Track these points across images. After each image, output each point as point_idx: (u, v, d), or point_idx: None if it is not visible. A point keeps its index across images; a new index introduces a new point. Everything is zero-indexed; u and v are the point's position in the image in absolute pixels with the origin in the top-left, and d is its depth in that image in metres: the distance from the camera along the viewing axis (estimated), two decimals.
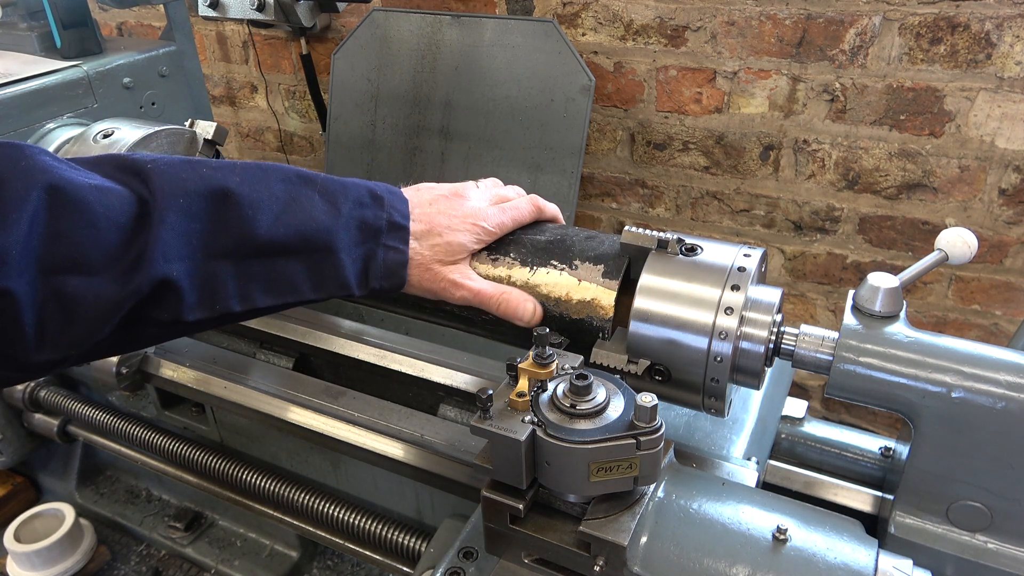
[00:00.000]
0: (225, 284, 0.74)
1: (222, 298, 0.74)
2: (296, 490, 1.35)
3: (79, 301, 0.67)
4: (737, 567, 0.70)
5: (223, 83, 3.02)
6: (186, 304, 0.72)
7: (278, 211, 0.76)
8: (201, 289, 0.72)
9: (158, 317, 0.72)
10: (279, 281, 0.77)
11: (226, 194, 0.74)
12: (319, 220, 0.78)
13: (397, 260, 0.83)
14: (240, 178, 0.75)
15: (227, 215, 0.73)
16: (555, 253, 0.91)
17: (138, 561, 1.75)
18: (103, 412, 1.61)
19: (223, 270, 0.73)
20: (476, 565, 0.82)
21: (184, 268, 0.71)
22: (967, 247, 0.84)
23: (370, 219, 0.81)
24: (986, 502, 0.78)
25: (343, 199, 0.80)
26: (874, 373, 0.78)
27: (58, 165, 0.68)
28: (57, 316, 0.66)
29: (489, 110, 2.19)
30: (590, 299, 0.87)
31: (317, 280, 0.78)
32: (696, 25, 2.05)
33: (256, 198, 0.75)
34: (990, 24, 1.76)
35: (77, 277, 0.66)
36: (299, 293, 0.78)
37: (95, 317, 0.68)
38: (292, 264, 0.77)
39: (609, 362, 0.84)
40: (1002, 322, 2.09)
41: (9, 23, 1.75)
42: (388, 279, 0.83)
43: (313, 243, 0.77)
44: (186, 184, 0.72)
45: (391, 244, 0.82)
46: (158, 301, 0.70)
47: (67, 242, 0.66)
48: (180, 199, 0.71)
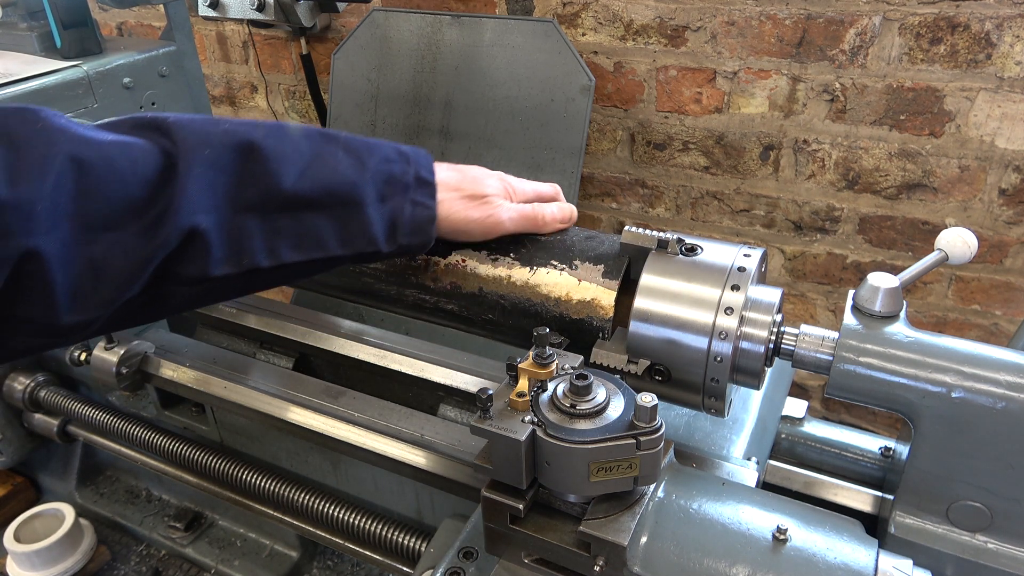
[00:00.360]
0: (252, 238, 0.73)
1: (249, 252, 0.73)
2: (296, 490, 1.35)
3: (108, 257, 0.66)
4: (737, 567, 0.70)
5: (223, 83, 3.02)
6: (213, 257, 0.71)
7: (303, 165, 0.75)
8: (228, 242, 0.71)
9: (186, 272, 0.70)
10: (306, 236, 0.76)
11: (251, 147, 0.73)
12: (345, 174, 0.77)
13: (425, 215, 0.83)
14: (264, 132, 0.75)
15: (253, 168, 0.73)
16: (555, 253, 0.91)
17: (138, 561, 1.75)
18: (103, 412, 1.61)
19: (250, 223, 0.73)
20: (476, 565, 0.82)
21: (211, 220, 0.70)
22: (967, 247, 0.84)
23: (397, 174, 0.81)
24: (986, 502, 0.78)
25: (368, 155, 0.80)
26: (874, 373, 0.78)
27: (76, 126, 0.67)
28: (87, 275, 0.65)
29: (489, 110, 2.19)
30: (590, 299, 0.87)
31: (344, 235, 0.77)
32: (696, 25, 2.05)
33: (281, 151, 0.74)
34: (990, 24, 1.76)
35: (106, 233, 0.66)
36: (326, 248, 0.77)
37: (125, 273, 0.67)
38: (319, 218, 0.76)
39: (609, 362, 0.84)
40: (1002, 322, 2.09)
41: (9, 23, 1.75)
42: (416, 235, 0.82)
43: (339, 197, 0.77)
44: (210, 137, 0.72)
45: (419, 200, 0.82)
46: (186, 254, 0.69)
47: (95, 198, 0.65)
48: (206, 150, 0.71)
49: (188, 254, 0.70)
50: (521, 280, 0.90)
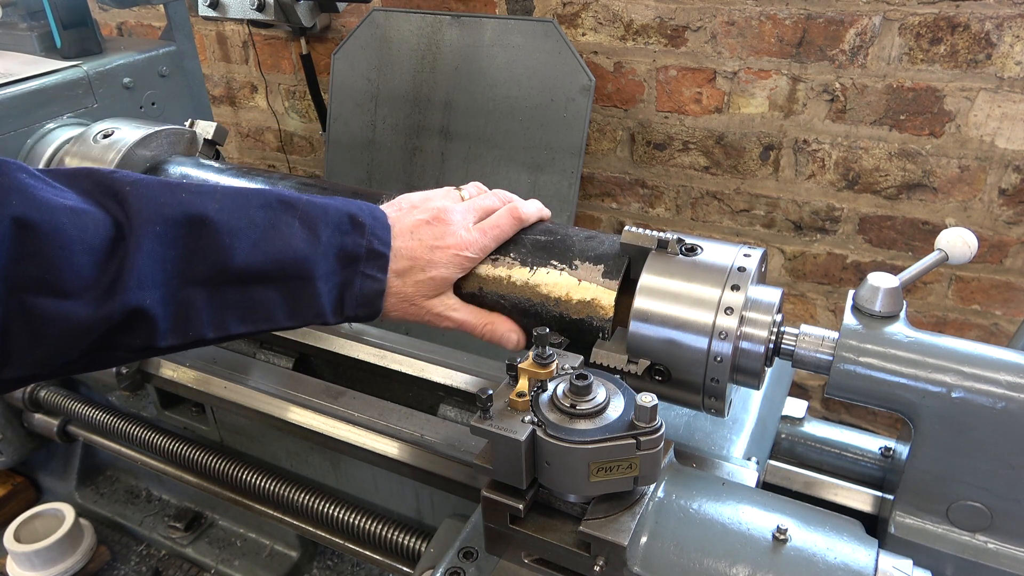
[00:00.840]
0: (199, 312, 0.73)
1: (195, 326, 0.74)
2: (296, 490, 1.35)
3: (49, 322, 0.66)
4: (737, 567, 0.70)
5: (223, 83, 3.02)
6: (159, 331, 0.71)
7: (256, 238, 0.75)
8: (175, 317, 0.72)
9: (130, 343, 0.71)
10: (254, 309, 0.76)
11: (203, 221, 0.73)
12: (297, 248, 0.77)
13: (374, 289, 0.82)
14: (219, 205, 0.75)
15: (204, 243, 0.73)
16: (555, 253, 0.91)
17: (138, 561, 1.75)
18: (103, 412, 1.61)
19: (198, 298, 0.73)
20: (476, 565, 0.82)
21: (158, 295, 0.70)
22: (967, 247, 0.84)
23: (349, 247, 0.80)
24: (986, 502, 0.78)
25: (323, 225, 0.79)
26: (874, 373, 0.78)
27: (34, 184, 0.67)
28: (24, 335, 0.66)
29: (489, 110, 2.19)
30: (590, 299, 0.87)
31: (292, 308, 0.78)
32: (696, 25, 2.05)
33: (234, 225, 0.74)
34: (990, 24, 1.76)
35: (47, 298, 0.66)
36: (274, 321, 0.78)
37: (65, 339, 0.67)
38: (268, 292, 0.77)
39: (609, 362, 0.84)
40: (1002, 322, 2.09)
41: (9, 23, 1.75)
42: (364, 307, 0.83)
43: (290, 271, 0.77)
44: (164, 209, 0.72)
45: (369, 272, 0.82)
46: (131, 328, 0.70)
47: (38, 263, 0.65)
48: (157, 226, 0.71)
49: (133, 328, 0.70)
50: (521, 280, 0.90)
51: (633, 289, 0.84)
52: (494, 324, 0.90)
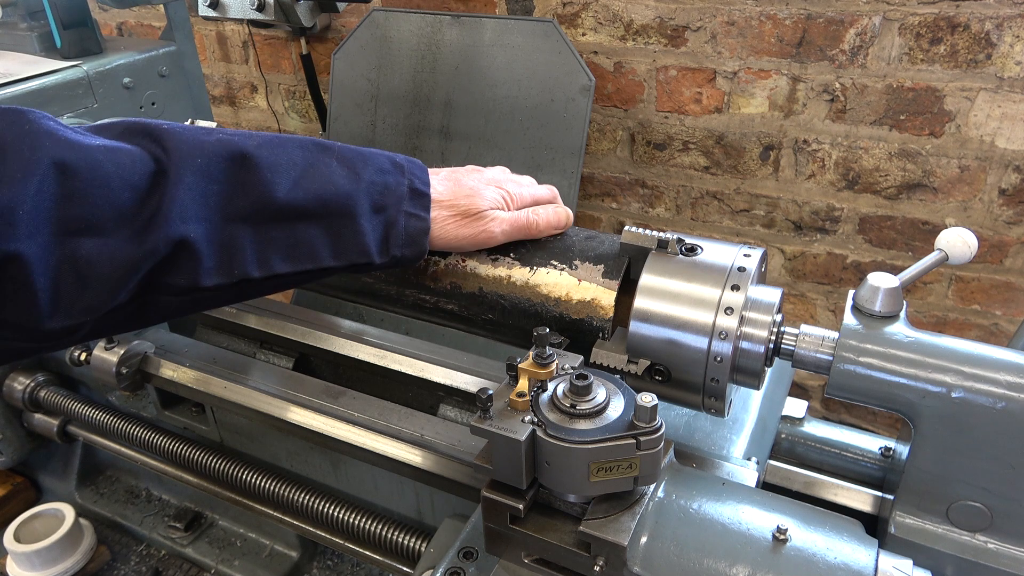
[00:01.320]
0: (243, 248, 0.72)
1: (240, 262, 0.72)
2: (296, 490, 1.35)
3: (94, 263, 0.65)
4: (737, 567, 0.70)
5: (223, 83, 3.02)
6: (203, 267, 0.70)
7: (297, 176, 0.75)
8: (219, 252, 0.71)
9: (175, 282, 0.70)
10: (299, 246, 0.75)
11: (244, 157, 0.72)
12: (339, 185, 0.76)
13: (419, 227, 0.82)
14: (258, 143, 0.74)
15: (245, 178, 0.72)
16: (555, 253, 0.91)
17: (138, 561, 1.75)
18: (103, 412, 1.61)
19: (241, 233, 0.72)
20: (476, 565, 0.82)
21: (201, 229, 0.69)
22: (967, 247, 0.84)
23: (391, 185, 0.80)
24: (986, 502, 0.78)
25: (362, 165, 0.79)
26: (874, 373, 0.78)
27: (63, 129, 0.67)
28: (71, 279, 0.64)
29: (489, 110, 2.19)
30: (590, 299, 0.87)
31: (337, 246, 0.77)
32: (696, 25, 2.05)
33: (275, 162, 0.74)
34: (990, 24, 1.76)
35: (91, 238, 0.65)
36: (319, 259, 0.76)
37: (111, 279, 0.66)
38: (312, 229, 0.75)
39: (609, 362, 0.84)
40: (1002, 322, 2.09)
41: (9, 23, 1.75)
42: (409, 247, 0.82)
43: (333, 208, 0.76)
44: (203, 146, 0.71)
45: (412, 211, 0.81)
46: (175, 263, 0.69)
47: (79, 203, 0.64)
48: (198, 159, 0.70)
49: (177, 263, 0.69)
50: (521, 280, 0.90)
51: (633, 289, 0.84)
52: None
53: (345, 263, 0.78)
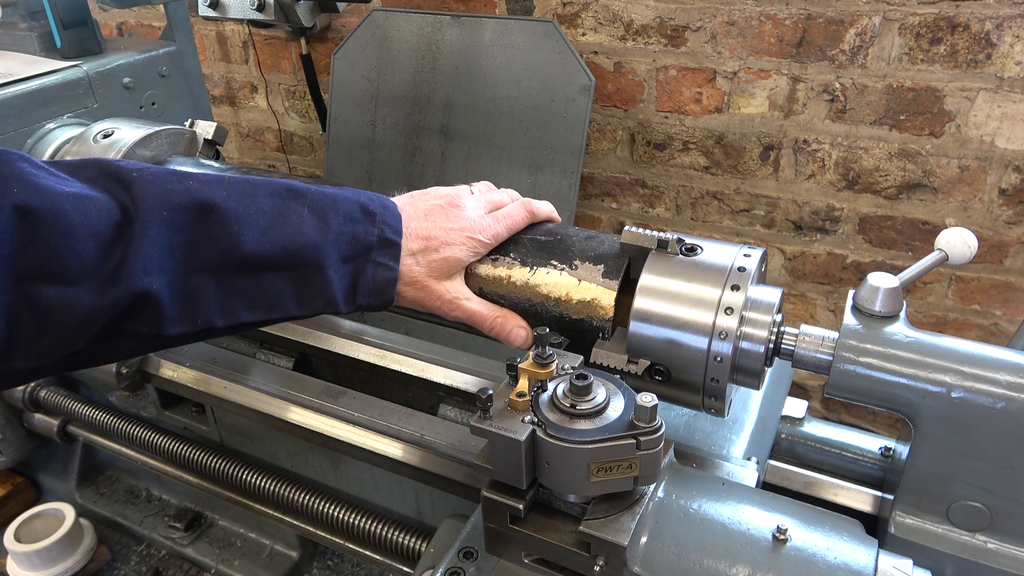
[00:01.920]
0: (207, 299, 0.72)
1: (204, 313, 0.73)
2: (296, 490, 1.35)
3: (54, 311, 0.65)
4: (737, 567, 0.70)
5: (223, 83, 3.02)
6: (167, 318, 0.70)
7: (265, 226, 0.75)
8: (182, 303, 0.71)
9: (137, 330, 0.70)
10: (263, 297, 0.76)
11: (212, 208, 0.72)
12: (307, 235, 0.76)
13: (386, 277, 0.82)
14: (227, 192, 0.74)
15: (211, 230, 0.72)
16: (555, 253, 0.91)
17: (138, 561, 1.75)
18: (103, 412, 1.61)
19: (205, 285, 0.72)
20: (476, 565, 0.82)
21: (165, 281, 0.69)
22: (967, 247, 0.84)
23: (360, 235, 0.80)
24: (986, 502, 0.78)
25: (333, 214, 0.79)
26: (874, 373, 0.78)
27: (36, 172, 0.67)
28: (30, 325, 0.65)
29: (489, 110, 2.19)
30: (590, 299, 0.87)
31: (303, 296, 0.77)
32: (696, 25, 2.05)
33: (243, 212, 0.74)
34: (990, 24, 1.76)
35: (52, 287, 0.65)
36: (284, 309, 0.77)
37: (71, 328, 0.66)
38: (278, 280, 0.76)
39: (609, 362, 0.84)
40: (1002, 322, 2.09)
41: (9, 23, 1.75)
42: (376, 296, 0.82)
43: (300, 259, 0.76)
44: (170, 196, 0.71)
45: (381, 261, 0.81)
46: (137, 314, 0.69)
47: (41, 250, 0.64)
48: (164, 211, 0.70)
49: (140, 315, 0.69)
50: (521, 280, 0.90)
51: (633, 289, 0.84)
52: (504, 318, 0.89)
53: (310, 311, 0.79)
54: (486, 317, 0.88)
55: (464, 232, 0.87)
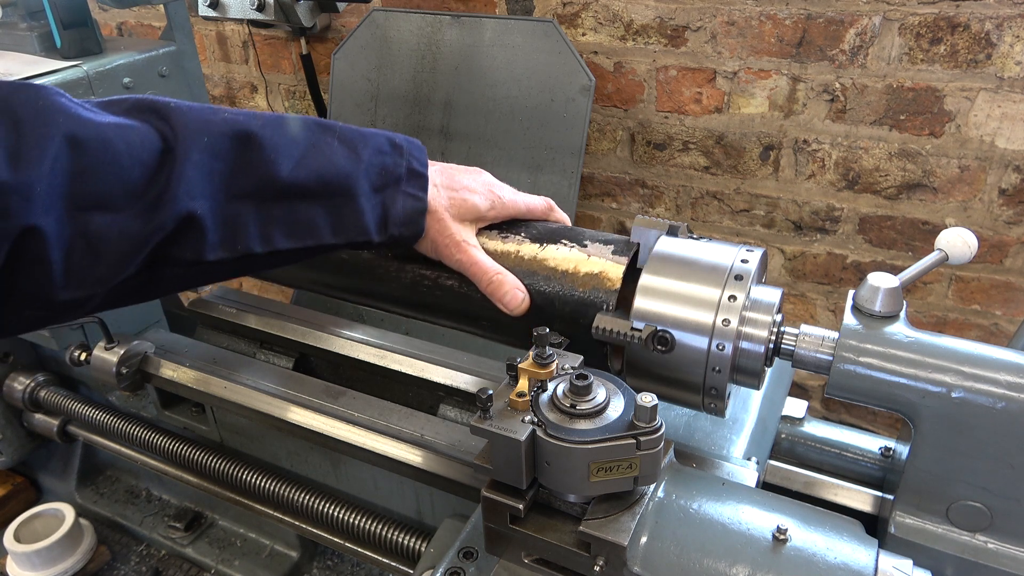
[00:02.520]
0: (247, 225, 0.74)
1: (244, 238, 0.74)
2: (296, 490, 1.35)
3: (104, 238, 0.67)
4: (737, 567, 0.70)
5: (223, 83, 3.02)
6: (208, 242, 0.72)
7: (299, 155, 0.77)
8: (223, 228, 0.73)
9: (181, 255, 0.72)
10: (300, 224, 0.77)
11: (249, 136, 0.74)
12: (339, 165, 0.79)
13: (416, 207, 0.84)
14: (262, 122, 0.76)
15: (250, 157, 0.74)
16: (566, 235, 0.93)
17: (138, 561, 1.75)
18: (103, 412, 1.61)
19: (245, 210, 0.74)
20: (476, 565, 0.82)
21: (207, 206, 0.71)
22: (967, 247, 0.84)
23: (389, 166, 0.82)
24: (986, 502, 0.78)
25: (362, 145, 0.81)
26: (874, 373, 0.78)
27: (76, 105, 0.69)
28: (83, 253, 0.67)
29: (489, 110, 2.19)
30: (598, 271, 0.87)
31: (337, 224, 0.79)
32: (696, 25, 2.05)
33: (278, 142, 0.76)
34: (990, 24, 1.76)
35: (102, 214, 0.67)
36: (319, 236, 0.79)
37: (121, 253, 0.68)
38: (313, 208, 0.78)
39: (613, 327, 0.83)
40: (1002, 322, 2.09)
41: (9, 23, 1.75)
42: (407, 226, 0.84)
43: (333, 187, 0.78)
44: (209, 125, 0.73)
45: (410, 191, 0.83)
46: (181, 238, 0.71)
47: (92, 179, 0.66)
48: (204, 137, 0.72)
49: (184, 238, 0.71)
50: (529, 255, 0.91)
51: (638, 276, 0.84)
52: (504, 276, 0.89)
53: (344, 240, 0.80)
54: (486, 270, 0.88)
55: (485, 185, 0.91)
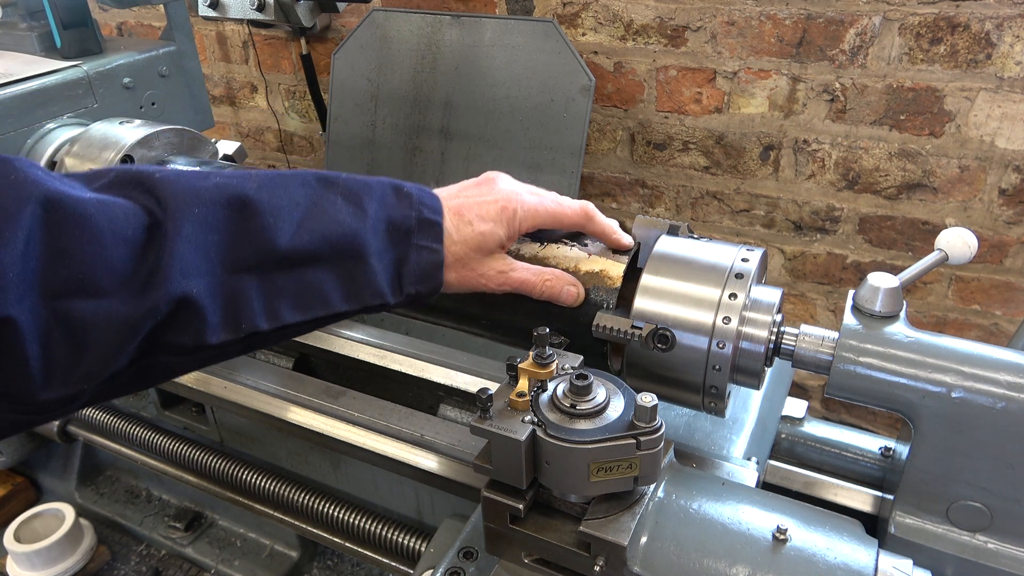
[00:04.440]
0: (250, 300, 0.67)
1: (248, 316, 0.67)
2: (296, 490, 1.35)
3: (88, 327, 0.60)
4: (737, 567, 0.70)
5: (223, 83, 3.02)
6: (209, 324, 0.65)
7: (300, 217, 0.70)
8: (224, 306, 0.66)
9: (179, 341, 0.65)
10: (308, 293, 0.70)
11: (245, 202, 0.68)
12: (344, 223, 0.72)
13: (432, 261, 0.77)
14: (257, 184, 0.70)
15: (247, 224, 0.67)
16: (568, 236, 0.92)
17: (138, 561, 1.75)
18: (103, 412, 1.61)
19: (247, 285, 0.67)
20: (476, 565, 0.82)
21: (204, 284, 0.64)
22: (967, 247, 0.84)
23: (397, 218, 0.75)
24: (986, 502, 0.78)
25: (368, 199, 0.74)
26: (874, 373, 0.78)
27: (51, 179, 0.62)
28: (65, 345, 0.60)
29: (489, 110, 2.19)
30: (599, 270, 0.87)
31: (349, 289, 0.72)
32: (696, 25, 2.05)
33: (276, 204, 0.69)
34: (990, 24, 1.76)
35: (84, 300, 0.60)
36: (330, 305, 0.72)
37: (109, 343, 0.61)
38: (320, 273, 0.71)
39: (614, 324, 0.83)
40: (1002, 322, 2.09)
41: (9, 23, 1.75)
42: (424, 282, 0.77)
43: (340, 249, 0.71)
44: (200, 193, 0.66)
45: (424, 244, 0.76)
46: (178, 322, 0.64)
47: (69, 261, 0.59)
48: (195, 208, 0.65)
49: (180, 322, 0.64)
50: (530, 253, 0.90)
51: (640, 275, 0.84)
52: (551, 281, 0.86)
53: (358, 306, 0.74)
54: (535, 284, 0.85)
55: (497, 203, 0.82)
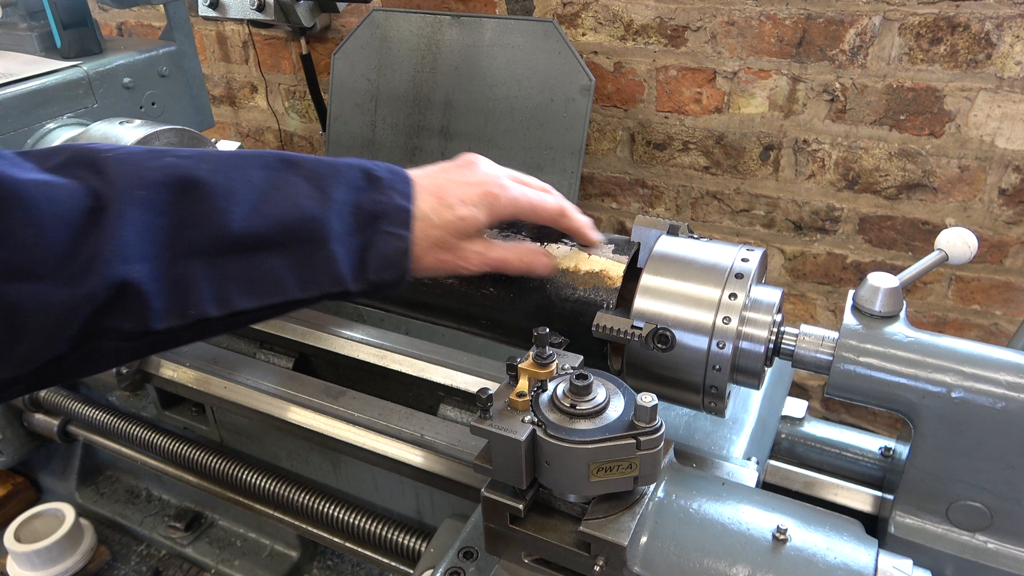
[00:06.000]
0: (198, 286, 0.65)
1: (195, 302, 0.65)
2: (296, 490, 1.35)
3: (24, 310, 0.59)
4: (737, 567, 0.70)
5: (223, 83, 3.02)
6: (153, 310, 0.63)
7: (256, 201, 0.68)
8: (170, 292, 0.64)
9: (123, 327, 0.63)
10: (261, 280, 0.68)
11: (194, 184, 0.65)
12: (304, 208, 0.69)
13: (398, 248, 0.73)
14: (211, 166, 0.67)
15: (196, 208, 0.65)
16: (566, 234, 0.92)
17: (138, 561, 1.75)
18: (103, 412, 1.61)
19: (195, 270, 0.65)
20: (476, 565, 0.82)
21: (148, 269, 0.62)
22: (967, 247, 0.84)
23: (365, 203, 0.72)
24: (986, 502, 0.78)
25: (333, 183, 0.72)
26: (874, 373, 0.78)
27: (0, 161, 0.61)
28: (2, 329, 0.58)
29: (489, 110, 2.19)
30: (599, 270, 0.87)
31: (305, 276, 0.69)
32: (696, 25, 2.05)
33: (230, 187, 0.67)
34: (990, 24, 1.76)
35: (19, 283, 0.58)
36: (285, 292, 0.69)
37: (44, 328, 0.60)
38: (274, 259, 0.68)
39: (614, 324, 0.83)
40: (1002, 322, 2.09)
41: (9, 23, 1.75)
42: (389, 270, 0.73)
43: (298, 234, 0.68)
44: (147, 174, 0.64)
45: (391, 230, 0.73)
46: (120, 308, 0.62)
47: (8, 244, 0.58)
48: (141, 191, 0.63)
49: (121, 308, 0.62)
50: None
51: (640, 275, 0.84)
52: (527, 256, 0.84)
53: (317, 293, 0.71)
54: (511, 260, 0.83)
55: (481, 186, 0.79)
